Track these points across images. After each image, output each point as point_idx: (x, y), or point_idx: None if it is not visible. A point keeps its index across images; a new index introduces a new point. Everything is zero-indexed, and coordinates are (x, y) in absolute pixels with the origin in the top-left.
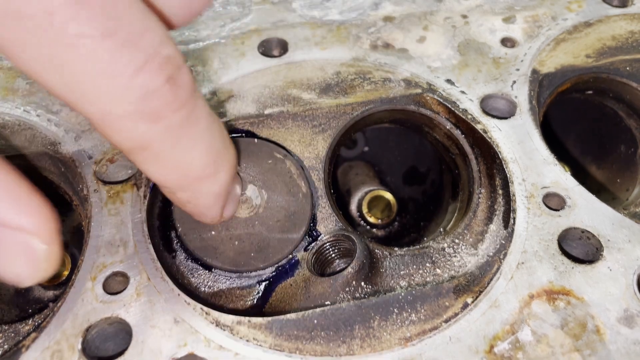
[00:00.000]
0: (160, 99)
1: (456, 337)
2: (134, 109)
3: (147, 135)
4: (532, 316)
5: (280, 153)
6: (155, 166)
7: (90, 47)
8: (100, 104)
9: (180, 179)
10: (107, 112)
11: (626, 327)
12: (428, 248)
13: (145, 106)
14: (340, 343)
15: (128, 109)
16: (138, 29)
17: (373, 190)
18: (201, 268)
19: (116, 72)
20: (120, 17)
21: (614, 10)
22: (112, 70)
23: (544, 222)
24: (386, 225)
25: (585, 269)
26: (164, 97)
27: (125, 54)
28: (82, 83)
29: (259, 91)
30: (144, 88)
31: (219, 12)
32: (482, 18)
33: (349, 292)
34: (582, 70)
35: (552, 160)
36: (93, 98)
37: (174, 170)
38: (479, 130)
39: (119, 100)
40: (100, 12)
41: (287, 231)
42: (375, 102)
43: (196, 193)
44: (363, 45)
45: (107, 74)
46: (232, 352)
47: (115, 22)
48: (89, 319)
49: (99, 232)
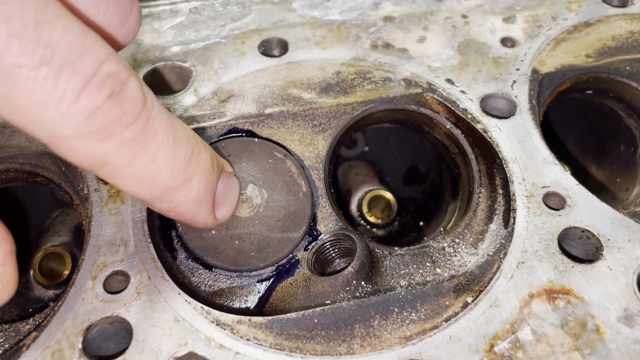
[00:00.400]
0: (106, 116)
1: (456, 336)
2: (81, 131)
3: (101, 153)
4: (532, 315)
5: (280, 152)
6: (121, 181)
7: (28, 76)
8: (47, 129)
9: (150, 192)
10: (55, 136)
11: (626, 326)
12: (428, 247)
13: (91, 126)
14: (341, 342)
15: (75, 130)
16: (75, 52)
17: (373, 190)
18: (201, 267)
19: (57, 98)
20: (56, 44)
21: (614, 10)
22: (53, 97)
23: (544, 222)
24: (386, 224)
25: (585, 269)
26: (110, 114)
27: (63, 79)
28: (26, 111)
29: (259, 91)
30: (86, 109)
31: (219, 12)
32: (482, 18)
33: (349, 292)
34: (582, 70)
35: (552, 160)
36: (39, 124)
37: (140, 183)
38: (479, 130)
39: (64, 124)
40: (36, 40)
41: (287, 230)
42: (376, 102)
43: (173, 203)
44: (363, 45)
45: (49, 101)
46: (233, 351)
47: (51, 49)
48: (89, 318)
49: (99, 232)
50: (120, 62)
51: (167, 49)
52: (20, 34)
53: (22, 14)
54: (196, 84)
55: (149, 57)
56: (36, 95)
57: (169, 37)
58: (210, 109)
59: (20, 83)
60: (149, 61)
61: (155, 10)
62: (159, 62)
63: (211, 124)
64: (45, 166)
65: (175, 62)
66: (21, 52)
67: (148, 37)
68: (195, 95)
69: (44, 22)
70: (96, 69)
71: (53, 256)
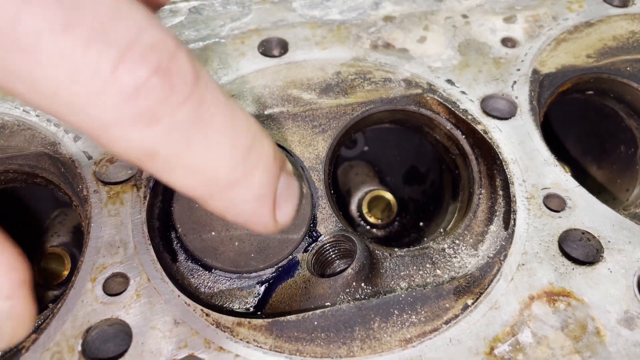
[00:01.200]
0: (151, 95)
1: (456, 338)
2: (122, 114)
3: (149, 141)
4: (532, 318)
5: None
6: (173, 175)
7: (50, 46)
8: (83, 114)
9: (206, 187)
10: (93, 122)
11: (626, 328)
12: (428, 249)
13: (134, 108)
14: (341, 344)
15: (115, 114)
16: (107, 16)
17: (373, 191)
18: (201, 269)
19: (88, 72)
20: (82, 6)
21: (614, 10)
22: (84, 72)
23: (545, 224)
24: (386, 225)
25: (585, 271)
26: (156, 93)
27: (94, 48)
28: (55, 92)
29: (259, 91)
30: (126, 87)
31: (219, 12)
32: (482, 18)
33: (349, 293)
34: (583, 70)
35: (552, 161)
36: (72, 108)
37: (194, 177)
38: (480, 131)
39: (100, 106)
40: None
41: (287, 232)
42: (376, 103)
43: (232, 200)
44: (363, 45)
45: (79, 77)
46: (232, 354)
47: (76, 12)
48: (88, 320)
49: (98, 233)
50: (165, 30)
51: None
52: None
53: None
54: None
55: None
56: (64, 70)
57: None
58: None
59: (43, 57)
60: None
61: None
62: None
63: None
64: (44, 167)
65: None
66: (39, 15)
67: None
68: None
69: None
70: (134, 38)
71: (52, 257)
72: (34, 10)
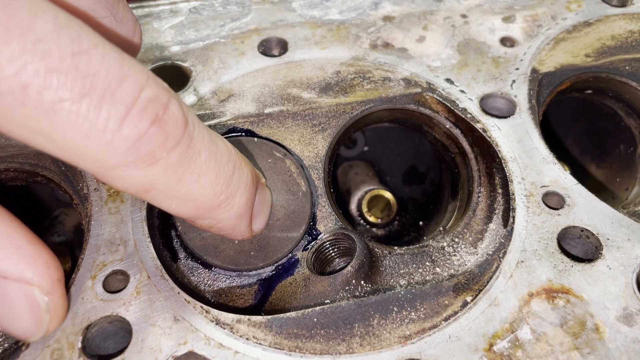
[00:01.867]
0: (150, 143)
1: (455, 335)
2: (127, 158)
3: (147, 178)
4: (531, 315)
5: (280, 152)
6: (167, 203)
7: (70, 110)
8: (93, 160)
9: (194, 211)
10: (101, 165)
11: (625, 325)
12: (428, 247)
13: (136, 153)
14: (340, 341)
15: (121, 159)
16: (114, 79)
17: (373, 190)
18: (201, 267)
19: (100, 128)
20: (95, 73)
21: (613, 10)
22: (97, 128)
23: (544, 221)
24: (386, 224)
25: (584, 268)
26: (154, 140)
27: (105, 109)
28: (70, 145)
29: (259, 90)
30: (130, 137)
31: (219, 12)
32: (481, 17)
33: (349, 291)
34: (582, 69)
35: (551, 159)
36: (85, 155)
37: (185, 204)
38: (479, 130)
39: (109, 153)
40: (74, 72)
41: (286, 230)
42: (375, 102)
43: (215, 219)
44: (363, 45)
45: (92, 132)
46: (232, 351)
47: (90, 79)
48: (89, 317)
49: (99, 231)
50: (160, 84)
51: (167, 49)
52: (59, 67)
53: (59, 46)
54: (196, 84)
55: (148, 56)
56: (80, 128)
57: (168, 37)
58: (210, 109)
59: (63, 118)
60: (149, 61)
61: (155, 10)
62: (158, 62)
63: (211, 123)
64: (44, 165)
65: (175, 61)
66: (61, 86)
67: (148, 36)
68: (194, 95)
69: (80, 52)
70: (137, 95)
71: None
72: (58, 79)
